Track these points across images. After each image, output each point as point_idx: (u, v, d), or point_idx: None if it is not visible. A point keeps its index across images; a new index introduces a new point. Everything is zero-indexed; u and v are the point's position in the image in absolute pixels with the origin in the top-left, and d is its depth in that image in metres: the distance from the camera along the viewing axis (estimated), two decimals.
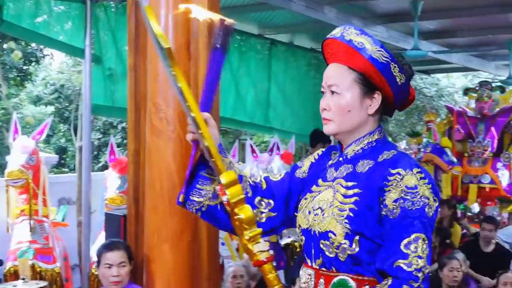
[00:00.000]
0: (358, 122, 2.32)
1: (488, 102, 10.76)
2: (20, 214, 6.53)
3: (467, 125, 10.92)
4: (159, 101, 4.19)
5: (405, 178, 2.16)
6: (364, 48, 2.23)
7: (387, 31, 10.28)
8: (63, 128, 14.30)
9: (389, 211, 2.17)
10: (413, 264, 2.09)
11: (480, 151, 10.75)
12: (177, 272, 4.16)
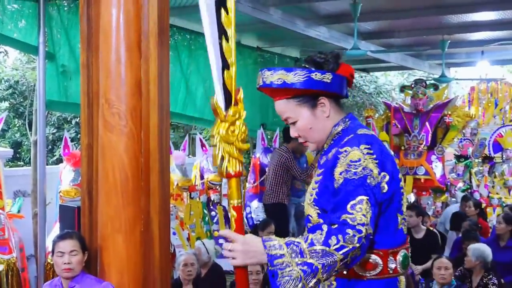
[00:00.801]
0: (323, 129, 2.51)
1: (422, 99, 10.93)
2: None
3: (404, 120, 11.08)
4: (112, 97, 4.16)
5: (351, 153, 2.32)
6: (283, 82, 2.40)
7: (329, 31, 10.39)
8: (18, 123, 14.05)
9: (336, 182, 2.32)
10: (357, 219, 2.18)
11: (415, 144, 10.93)
12: (130, 261, 4.15)
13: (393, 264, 2.45)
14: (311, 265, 2.11)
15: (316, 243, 2.13)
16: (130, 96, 4.16)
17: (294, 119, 2.51)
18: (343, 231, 2.14)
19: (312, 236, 2.15)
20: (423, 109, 10.90)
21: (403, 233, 2.58)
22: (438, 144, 10.91)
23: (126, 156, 4.15)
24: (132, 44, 4.12)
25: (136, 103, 4.17)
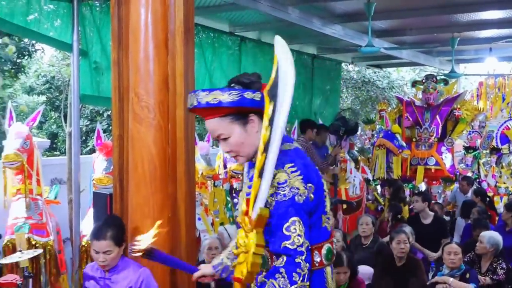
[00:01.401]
0: (254, 143, 2.52)
1: (433, 93, 10.89)
2: (17, 193, 6.49)
3: (415, 113, 11.05)
4: (141, 91, 4.18)
5: (277, 175, 2.40)
6: (219, 101, 2.45)
7: (344, 29, 10.33)
8: (54, 115, 14.13)
9: (269, 205, 2.39)
10: (295, 243, 2.32)
11: (426, 136, 10.89)
12: (158, 245, 4.16)
13: (318, 257, 2.52)
14: None
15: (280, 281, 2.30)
16: (158, 90, 4.17)
17: (226, 135, 2.55)
18: (294, 263, 2.31)
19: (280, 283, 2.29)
20: (433, 103, 10.86)
21: (327, 230, 2.64)
22: (448, 136, 10.87)
23: (154, 147, 4.17)
24: (159, 42, 4.14)
25: (164, 97, 4.18)
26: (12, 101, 10.52)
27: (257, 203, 2.21)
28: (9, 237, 6.30)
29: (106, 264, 3.83)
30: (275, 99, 2.18)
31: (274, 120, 2.19)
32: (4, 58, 12.56)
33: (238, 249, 2.26)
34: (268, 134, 2.19)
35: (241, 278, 2.24)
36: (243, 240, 2.24)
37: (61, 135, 13.75)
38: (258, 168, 2.21)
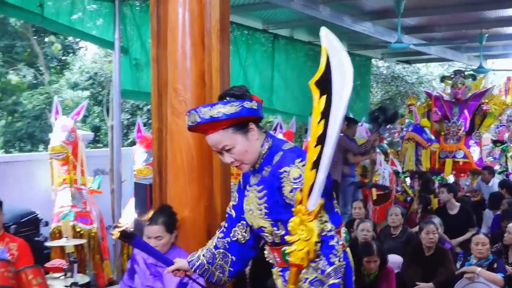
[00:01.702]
0: (256, 150, 2.58)
1: (461, 88, 10.78)
2: (62, 183, 6.59)
3: (444, 108, 10.95)
4: (179, 86, 4.21)
5: (291, 172, 2.43)
6: (222, 114, 2.45)
7: (374, 26, 10.26)
8: (97, 109, 14.30)
9: (290, 200, 2.43)
10: (324, 230, 2.35)
11: (454, 130, 10.80)
12: (195, 232, 4.21)
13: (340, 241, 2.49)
14: (334, 284, 2.33)
15: (325, 269, 2.31)
16: (194, 85, 4.20)
17: (230, 146, 2.54)
18: (328, 247, 2.34)
19: (319, 266, 2.31)
20: (462, 97, 10.76)
21: (339, 214, 2.68)
22: (476, 130, 10.77)
23: (192, 139, 4.19)
24: (196, 39, 4.16)
25: (200, 92, 4.21)
26: (58, 96, 10.65)
27: (313, 194, 2.17)
28: (56, 224, 6.41)
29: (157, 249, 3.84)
30: (328, 92, 2.10)
31: (330, 113, 2.10)
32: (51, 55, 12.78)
33: (294, 236, 2.21)
34: (321, 127, 2.11)
35: (302, 264, 2.23)
36: (299, 228, 2.20)
37: (103, 128, 13.92)
38: (311, 160, 2.14)
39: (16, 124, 13.18)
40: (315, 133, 2.14)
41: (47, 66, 12.93)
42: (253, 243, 2.86)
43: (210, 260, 2.84)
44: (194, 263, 2.85)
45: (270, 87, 9.98)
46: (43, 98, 12.74)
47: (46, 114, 12.33)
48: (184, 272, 2.87)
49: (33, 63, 13.12)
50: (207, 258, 2.85)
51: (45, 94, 12.76)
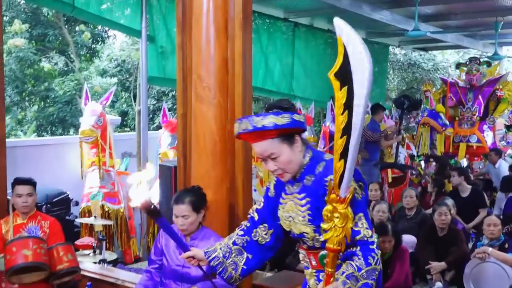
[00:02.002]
0: (299, 161, 2.61)
1: (476, 75, 10.68)
2: (91, 165, 6.65)
3: (458, 94, 10.87)
4: (202, 73, 4.20)
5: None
6: (274, 124, 2.47)
7: (391, 14, 10.16)
8: (124, 95, 14.37)
9: None
10: (366, 236, 2.43)
11: (469, 115, 10.71)
12: (218, 212, 4.23)
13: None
14: (367, 284, 2.37)
15: (362, 268, 2.37)
16: (218, 72, 4.19)
17: (277, 155, 2.56)
18: (368, 249, 2.41)
19: (357, 264, 2.38)
20: (476, 83, 10.66)
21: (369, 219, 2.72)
22: (490, 115, 10.68)
23: (215, 124, 4.19)
24: (220, 27, 4.14)
25: (223, 78, 4.20)
26: (88, 83, 10.76)
27: (344, 182, 2.20)
28: (85, 204, 6.49)
29: (184, 228, 3.84)
30: (348, 82, 2.09)
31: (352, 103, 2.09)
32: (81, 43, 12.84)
33: (328, 223, 2.26)
34: (344, 118, 2.11)
35: (340, 249, 2.28)
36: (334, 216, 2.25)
37: (130, 113, 14.00)
38: (339, 151, 2.17)
39: (48, 109, 13.30)
40: (339, 124, 2.14)
41: (77, 54, 12.99)
42: (272, 245, 2.89)
43: (226, 254, 2.85)
44: (210, 254, 2.87)
45: (290, 73, 9.94)
46: (73, 85, 12.82)
47: (76, 100, 12.46)
48: (198, 261, 2.89)
49: (64, 51, 13.19)
50: (223, 251, 2.86)
51: (75, 80, 12.83)
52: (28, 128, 13.44)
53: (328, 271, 2.32)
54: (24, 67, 12.42)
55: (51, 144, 7.76)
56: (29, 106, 13.87)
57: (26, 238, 4.35)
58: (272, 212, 2.82)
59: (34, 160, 6.88)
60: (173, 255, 3.98)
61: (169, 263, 3.96)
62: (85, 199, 6.53)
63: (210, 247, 2.90)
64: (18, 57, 11.99)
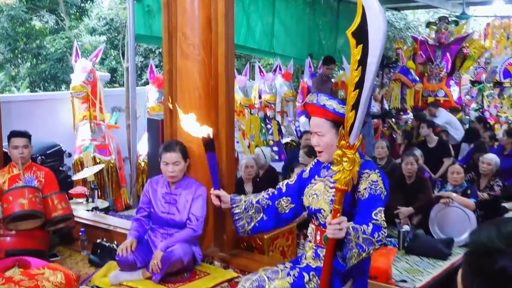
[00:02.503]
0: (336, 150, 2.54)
1: (445, 33, 10.68)
2: (83, 119, 6.61)
3: (428, 51, 10.88)
4: (187, 31, 4.15)
5: (371, 175, 2.59)
6: (333, 108, 2.62)
7: None
8: (113, 53, 14.13)
9: (361, 194, 2.57)
10: (382, 224, 2.49)
11: (437, 71, 10.75)
12: (203, 161, 4.23)
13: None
14: (361, 247, 2.40)
15: (366, 233, 2.42)
16: (202, 30, 4.14)
17: (322, 134, 2.66)
18: (380, 230, 2.47)
19: (364, 228, 2.42)
20: (445, 41, 10.67)
21: None
22: (456, 71, 10.73)
23: (199, 79, 4.17)
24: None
25: (207, 36, 4.15)
26: (78, 41, 10.54)
27: (354, 131, 2.28)
28: (78, 156, 6.47)
29: (174, 175, 3.91)
30: (364, 42, 2.13)
31: (366, 61, 2.15)
32: (70, 2, 12.54)
33: (338, 166, 2.33)
34: (358, 74, 2.17)
35: (347, 189, 2.35)
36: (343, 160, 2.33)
37: (119, 70, 13.81)
38: (351, 103, 2.24)
39: (40, 66, 13.08)
40: (353, 79, 2.21)
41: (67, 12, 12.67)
42: (287, 218, 2.95)
43: (247, 208, 2.90)
44: (235, 200, 2.91)
45: (271, 32, 9.82)
46: (64, 42, 12.57)
47: (67, 57, 12.23)
48: (220, 202, 2.89)
49: (54, 9, 12.86)
50: (246, 205, 2.90)
51: (66, 38, 12.58)
52: (21, 84, 13.21)
53: (336, 207, 2.38)
54: (15, 25, 12.12)
55: (44, 99, 7.66)
56: (22, 63, 13.61)
57: (22, 187, 4.35)
58: (299, 190, 2.88)
59: (28, 114, 6.79)
60: (159, 204, 4.04)
61: (156, 210, 4.02)
62: (78, 151, 6.50)
63: (237, 197, 2.95)
64: (10, 15, 11.68)
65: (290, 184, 2.94)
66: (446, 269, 5.01)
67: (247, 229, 2.92)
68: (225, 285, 3.88)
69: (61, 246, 4.94)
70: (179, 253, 3.79)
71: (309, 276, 2.64)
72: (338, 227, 2.31)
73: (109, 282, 3.90)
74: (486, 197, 6.18)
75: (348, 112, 2.28)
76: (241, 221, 2.91)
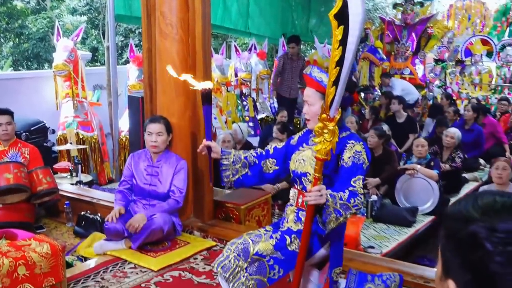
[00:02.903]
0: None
1: (410, 14, 10.70)
2: (66, 96, 6.51)
3: (395, 31, 10.89)
4: (165, 10, 4.09)
5: (356, 146, 2.63)
6: (322, 81, 2.65)
7: None
8: (94, 32, 13.87)
9: (344, 162, 2.60)
10: (358, 191, 2.53)
11: (403, 50, 10.78)
12: (181, 136, 4.23)
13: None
14: (339, 212, 2.44)
15: (343, 199, 2.45)
16: (179, 9, 4.08)
17: (311, 103, 2.71)
18: (356, 196, 2.50)
19: (341, 195, 2.46)
20: (410, 22, 10.69)
21: None
22: (421, 50, 10.78)
23: (177, 58, 4.13)
24: None
25: (184, 15, 4.10)
26: (59, 21, 10.32)
27: (334, 105, 2.31)
28: (61, 132, 6.38)
29: (157, 144, 3.91)
30: (345, 24, 2.18)
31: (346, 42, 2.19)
32: None
33: (319, 137, 2.37)
34: (339, 53, 2.21)
35: (327, 158, 2.39)
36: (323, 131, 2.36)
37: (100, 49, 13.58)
38: (332, 79, 2.27)
39: (23, 45, 12.80)
40: (334, 58, 2.24)
41: None
42: (269, 178, 2.99)
43: (235, 160, 2.95)
44: (225, 152, 2.96)
45: (246, 13, 9.72)
46: (46, 22, 12.31)
47: (49, 37, 11.99)
48: (208, 151, 2.93)
49: None
50: (234, 158, 2.95)
51: (48, 18, 12.31)
52: (4, 63, 12.92)
53: (316, 176, 2.42)
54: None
55: (28, 77, 7.50)
56: (5, 43, 13.29)
57: (7, 163, 4.29)
58: (285, 155, 2.92)
59: (12, 92, 6.66)
60: (141, 176, 4.02)
61: (138, 183, 4.00)
62: (61, 128, 6.42)
63: (227, 150, 3.00)
64: None
65: (278, 148, 2.97)
66: (411, 235, 5.09)
67: (231, 180, 2.97)
68: (204, 253, 3.90)
69: (47, 218, 4.91)
70: (159, 222, 3.79)
71: (290, 238, 2.67)
72: (318, 194, 2.36)
73: (93, 252, 3.89)
74: (448, 168, 6.27)
75: (329, 87, 2.30)
76: (227, 172, 2.95)
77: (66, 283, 3.22)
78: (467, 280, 0.89)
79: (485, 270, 0.86)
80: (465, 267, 0.89)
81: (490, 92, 11.33)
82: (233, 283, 2.54)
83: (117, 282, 3.44)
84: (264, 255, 2.58)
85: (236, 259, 2.55)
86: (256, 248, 2.58)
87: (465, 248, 0.89)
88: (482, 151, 7.58)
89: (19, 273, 2.98)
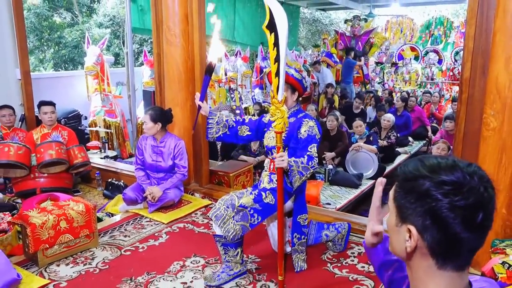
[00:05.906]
0: (289, 105, 2.72)
1: (357, 28, 10.68)
2: (95, 91, 6.39)
3: (345, 40, 10.87)
4: (170, 23, 4.01)
5: (309, 122, 2.64)
6: (291, 75, 2.66)
7: None
8: (116, 41, 13.62)
9: (302, 135, 2.61)
10: (314, 155, 2.55)
11: None
12: (184, 123, 4.18)
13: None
14: (302, 173, 2.48)
15: (304, 163, 2.48)
16: (181, 23, 4.01)
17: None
18: (312, 159, 2.52)
19: (302, 160, 2.49)
20: (357, 33, 10.68)
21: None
22: (365, 55, 10.76)
23: (180, 60, 4.06)
24: None
25: (185, 28, 4.02)
26: (89, 32, 10.07)
27: (279, 91, 2.27)
28: (92, 118, 6.28)
29: (146, 131, 3.82)
30: (274, 31, 2.17)
31: (278, 43, 2.17)
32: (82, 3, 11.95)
33: (274, 116, 2.33)
34: (275, 52, 2.19)
35: (282, 131, 2.36)
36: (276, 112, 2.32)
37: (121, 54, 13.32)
38: (274, 72, 2.23)
39: (61, 52, 12.52)
40: (272, 56, 2.22)
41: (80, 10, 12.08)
42: (244, 139, 2.91)
43: (218, 121, 2.87)
44: (212, 113, 2.87)
45: (233, 26, 9.59)
46: (78, 33, 12.03)
47: (81, 45, 11.71)
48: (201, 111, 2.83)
49: (70, 8, 12.25)
50: (218, 119, 2.88)
51: (80, 30, 12.03)
52: (47, 66, 12.63)
53: (278, 145, 2.40)
54: (41, 20, 11.51)
55: (65, 76, 7.35)
56: (47, 49, 12.97)
57: (50, 142, 4.21)
58: (257, 126, 2.87)
59: (53, 88, 6.52)
60: (149, 153, 3.96)
61: (146, 159, 3.95)
62: (92, 115, 6.31)
63: (215, 111, 2.91)
64: (36, 13, 11.09)
65: (252, 120, 2.93)
66: (357, 194, 5.14)
67: (214, 136, 2.88)
68: (203, 209, 3.89)
69: (82, 184, 4.86)
70: (171, 197, 3.79)
71: (265, 194, 2.67)
72: (281, 159, 2.36)
73: (118, 210, 3.86)
74: (385, 144, 6.31)
75: (273, 78, 2.26)
76: (212, 129, 2.87)
77: (97, 233, 3.20)
78: (427, 224, 0.87)
79: (440, 215, 0.85)
80: (425, 214, 0.87)
81: (417, 87, 11.39)
82: (224, 228, 2.56)
83: (136, 232, 3.43)
84: (246, 206, 2.59)
85: (225, 210, 2.56)
86: (240, 201, 2.59)
87: (421, 200, 0.87)
88: (410, 131, 7.64)
89: (61, 226, 2.96)
